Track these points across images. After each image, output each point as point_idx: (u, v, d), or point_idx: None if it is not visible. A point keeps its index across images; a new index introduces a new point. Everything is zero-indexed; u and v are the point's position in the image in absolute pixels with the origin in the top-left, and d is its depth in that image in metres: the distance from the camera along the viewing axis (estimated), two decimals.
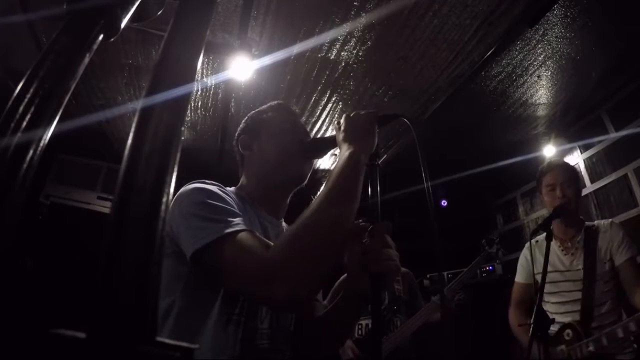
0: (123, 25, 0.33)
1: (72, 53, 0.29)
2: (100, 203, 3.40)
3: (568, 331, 1.61)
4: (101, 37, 0.31)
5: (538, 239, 1.90)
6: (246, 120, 1.10)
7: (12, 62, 2.48)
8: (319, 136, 3.18)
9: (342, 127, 0.86)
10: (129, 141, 0.25)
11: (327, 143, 0.95)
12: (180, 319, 0.78)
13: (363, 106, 2.86)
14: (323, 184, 0.77)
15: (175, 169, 0.25)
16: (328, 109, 3.00)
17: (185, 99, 0.28)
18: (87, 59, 0.30)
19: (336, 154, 1.02)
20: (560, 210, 1.68)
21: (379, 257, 0.73)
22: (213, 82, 2.68)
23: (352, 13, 2.12)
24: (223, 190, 0.88)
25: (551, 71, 2.59)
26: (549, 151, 3.38)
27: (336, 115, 3.06)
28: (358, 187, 0.76)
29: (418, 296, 2.42)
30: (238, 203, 0.88)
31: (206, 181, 0.88)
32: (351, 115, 0.87)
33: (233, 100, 2.88)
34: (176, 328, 0.77)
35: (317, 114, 3.06)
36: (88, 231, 2.77)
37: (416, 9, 2.09)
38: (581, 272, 1.70)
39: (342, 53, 2.41)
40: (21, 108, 0.25)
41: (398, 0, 2.02)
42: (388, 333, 2.20)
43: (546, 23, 2.18)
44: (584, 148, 3.19)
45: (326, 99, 2.88)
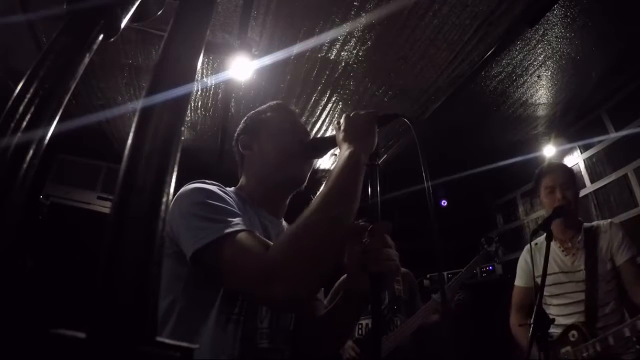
0: (123, 25, 0.33)
1: (72, 53, 0.29)
2: (100, 203, 3.40)
3: (573, 332, 1.60)
4: (101, 37, 0.31)
5: (537, 242, 1.88)
6: (246, 120, 1.10)
7: (12, 62, 2.48)
8: (319, 136, 3.18)
9: (342, 127, 0.86)
10: (129, 141, 0.25)
11: (327, 143, 0.95)
12: (180, 319, 0.78)
13: (363, 106, 2.86)
14: (323, 184, 0.77)
15: (175, 169, 0.25)
16: (328, 109, 3.00)
17: (185, 99, 0.28)
18: (87, 59, 0.30)
19: (336, 154, 1.02)
20: (560, 210, 1.67)
21: (379, 257, 0.73)
22: (213, 82, 2.68)
23: (352, 13, 2.12)
24: (223, 190, 0.88)
25: (551, 71, 2.59)
26: (549, 151, 3.37)
27: (336, 115, 3.06)
28: (358, 187, 0.76)
29: (417, 296, 2.42)
30: (238, 203, 0.88)
31: (206, 181, 0.88)
32: (351, 115, 0.87)
33: (233, 100, 2.88)
34: (176, 328, 0.77)
35: (317, 114, 3.06)
36: (88, 231, 2.77)
37: (416, 9, 2.09)
38: (583, 273, 1.69)
39: (342, 53, 2.41)
40: (21, 108, 0.25)
41: (398, 0, 2.02)
42: (388, 333, 2.20)
43: (546, 23, 2.18)
44: (584, 148, 3.19)
45: (326, 99, 2.88)
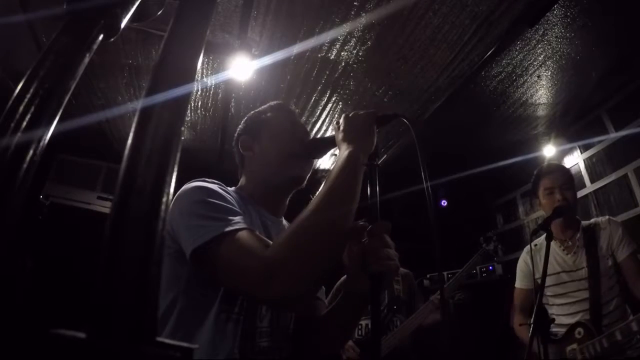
0: (123, 25, 0.33)
1: (72, 53, 0.29)
2: (100, 203, 3.39)
3: (579, 330, 1.60)
4: (101, 37, 0.31)
5: (537, 243, 1.88)
6: (246, 120, 1.10)
7: (12, 63, 2.48)
8: (319, 136, 3.18)
9: (341, 127, 0.86)
10: (129, 141, 0.25)
11: (327, 143, 0.95)
12: (180, 318, 0.78)
13: (363, 106, 2.86)
14: (322, 184, 0.77)
15: (175, 169, 0.25)
16: (328, 109, 3.00)
17: (185, 99, 0.28)
18: (87, 59, 0.30)
19: (336, 154, 1.02)
20: (560, 210, 1.68)
21: (378, 257, 0.73)
22: (213, 82, 2.68)
23: (352, 13, 2.12)
24: (224, 188, 0.88)
25: (551, 71, 2.59)
26: (549, 151, 3.37)
27: (336, 115, 3.06)
28: (357, 187, 0.76)
29: (416, 296, 2.42)
30: (239, 202, 0.88)
31: (207, 179, 0.88)
32: (350, 115, 0.87)
33: (233, 100, 2.88)
34: (176, 327, 0.77)
35: (317, 114, 3.06)
36: (88, 231, 2.76)
37: (416, 9, 2.09)
38: (585, 271, 1.69)
39: (342, 53, 2.41)
40: (21, 108, 0.25)
41: (398, 0, 2.02)
42: (387, 333, 2.20)
43: (546, 23, 2.18)
44: (584, 148, 3.19)
45: (326, 99, 2.88)
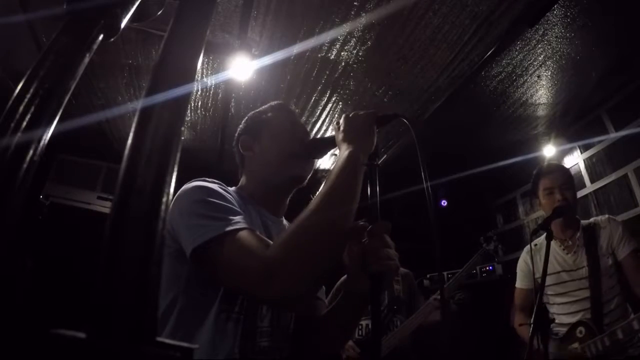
0: (123, 25, 0.33)
1: (72, 53, 0.29)
2: (100, 203, 3.39)
3: (581, 329, 1.60)
4: (101, 37, 0.31)
5: (537, 243, 1.88)
6: (246, 120, 1.10)
7: (12, 62, 2.48)
8: (319, 136, 3.18)
9: (341, 127, 0.86)
10: (129, 141, 0.25)
11: (327, 143, 0.95)
12: (180, 318, 0.78)
13: (363, 106, 2.86)
14: (322, 184, 0.77)
15: (175, 169, 0.25)
16: (328, 109, 3.00)
17: (185, 99, 0.28)
18: (87, 59, 0.30)
19: (336, 154, 1.02)
20: (561, 210, 1.67)
21: (379, 257, 0.73)
22: (213, 82, 2.68)
23: (352, 13, 2.12)
24: (224, 188, 0.88)
25: (551, 71, 2.59)
26: (549, 151, 3.37)
27: (336, 115, 3.06)
28: (357, 187, 0.76)
29: (416, 296, 2.42)
30: (239, 201, 0.88)
31: (207, 179, 0.88)
32: (350, 115, 0.87)
33: (233, 100, 2.88)
34: (176, 327, 0.77)
35: (317, 114, 3.06)
36: (88, 231, 2.76)
37: (416, 9, 2.09)
38: (586, 270, 1.70)
39: (342, 53, 2.41)
40: (21, 108, 0.25)
41: (398, 0, 2.02)
42: (388, 333, 2.20)
43: (546, 23, 2.18)
44: (584, 148, 3.19)
45: (326, 99, 2.88)
